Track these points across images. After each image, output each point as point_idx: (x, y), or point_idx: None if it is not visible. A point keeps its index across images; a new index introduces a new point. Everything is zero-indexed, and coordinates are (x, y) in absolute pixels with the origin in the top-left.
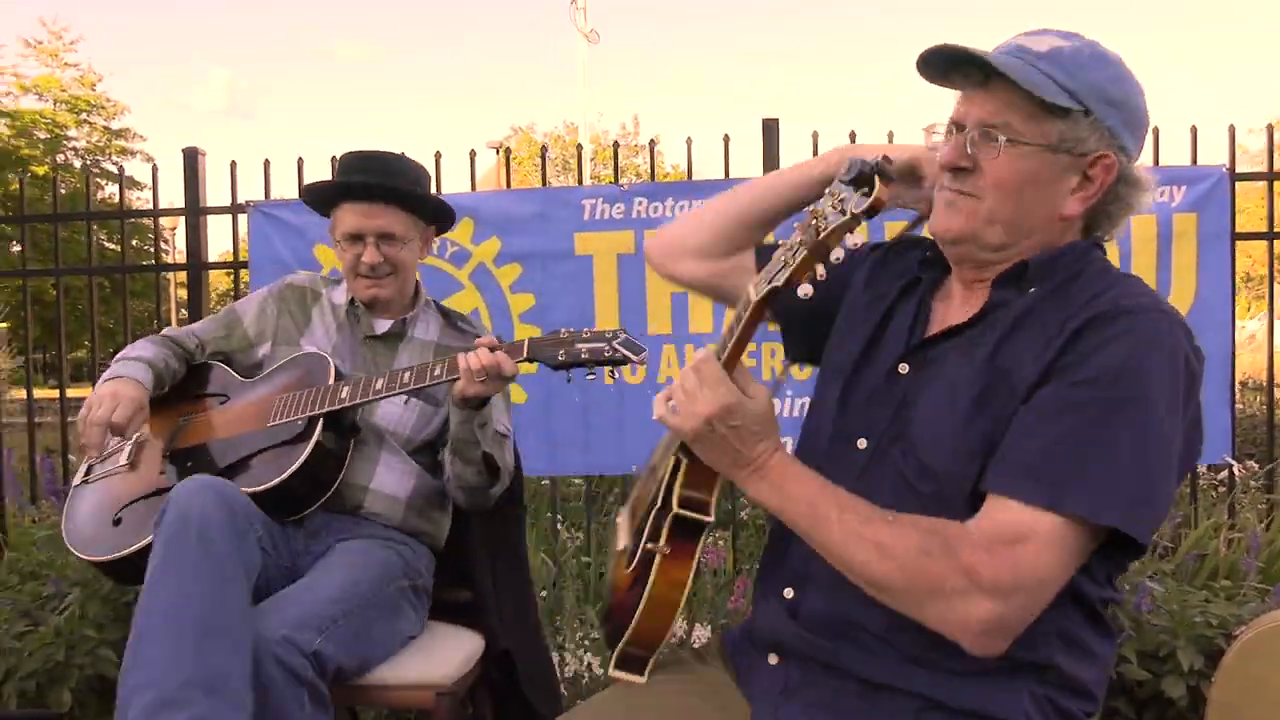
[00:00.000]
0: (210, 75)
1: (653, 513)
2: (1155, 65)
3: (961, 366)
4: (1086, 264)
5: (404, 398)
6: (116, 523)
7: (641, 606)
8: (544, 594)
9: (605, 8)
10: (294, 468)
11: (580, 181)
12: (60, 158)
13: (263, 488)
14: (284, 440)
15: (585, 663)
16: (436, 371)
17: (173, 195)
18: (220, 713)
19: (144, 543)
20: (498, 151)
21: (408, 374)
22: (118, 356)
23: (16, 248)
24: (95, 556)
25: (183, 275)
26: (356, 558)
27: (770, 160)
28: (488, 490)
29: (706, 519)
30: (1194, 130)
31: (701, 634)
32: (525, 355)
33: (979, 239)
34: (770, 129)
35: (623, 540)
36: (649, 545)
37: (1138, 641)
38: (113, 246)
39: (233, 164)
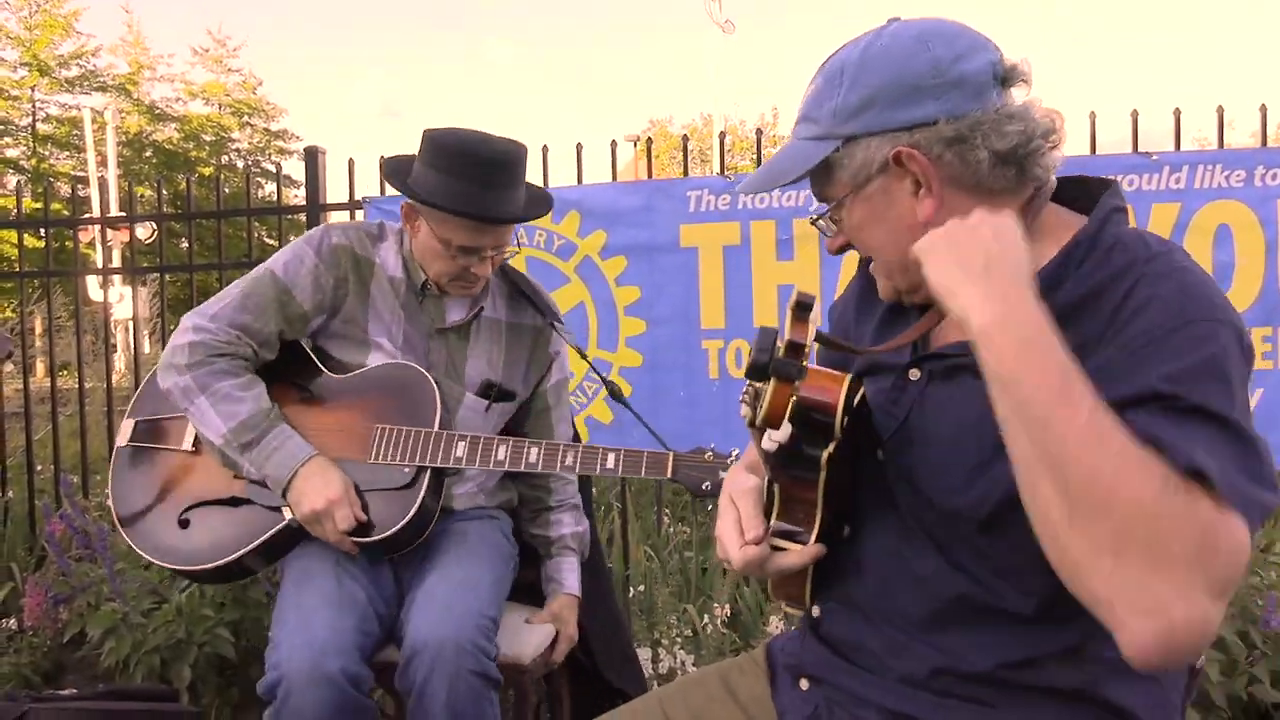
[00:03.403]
0: (364, 77)
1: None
2: None
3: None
4: (1092, 254)
5: (486, 404)
6: (183, 524)
7: (770, 593)
8: (641, 588)
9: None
10: (403, 523)
11: (721, 171)
12: (225, 159)
13: (371, 541)
14: (390, 486)
15: (680, 660)
16: (568, 461)
17: (336, 191)
18: None
19: (219, 564)
20: (635, 144)
21: (535, 452)
22: (234, 416)
23: (185, 244)
24: (160, 560)
25: None
26: (483, 545)
27: None
28: None
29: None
30: None
31: (779, 625)
32: (670, 475)
33: (903, 285)
34: None
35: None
36: None
37: (1272, 661)
38: (271, 241)
39: (350, 161)
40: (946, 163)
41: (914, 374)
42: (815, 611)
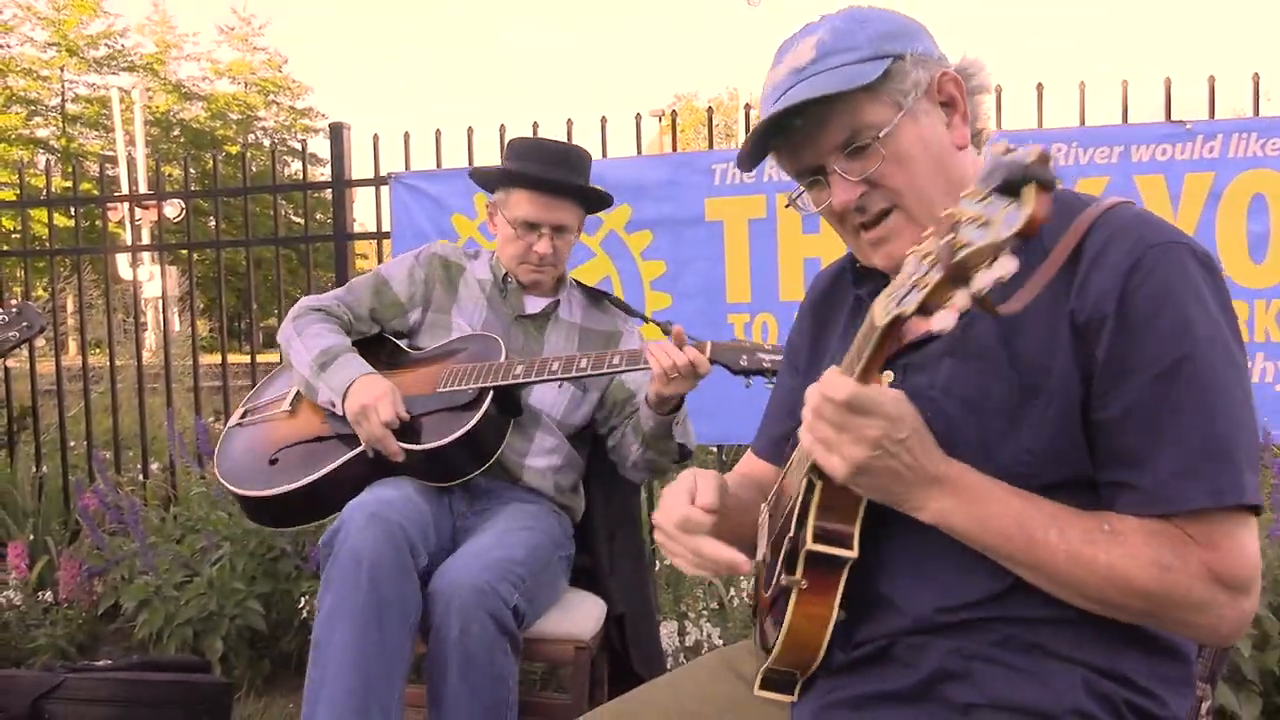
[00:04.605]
0: (388, 54)
1: (785, 538)
2: None
3: (963, 373)
4: None
5: (559, 382)
6: (273, 462)
7: (781, 639)
8: (668, 562)
9: None
10: (460, 432)
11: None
12: (251, 137)
13: (425, 448)
14: (452, 406)
15: (705, 633)
16: (615, 360)
17: (362, 167)
18: None
19: (296, 486)
20: (660, 119)
21: (585, 360)
22: (318, 346)
23: (212, 222)
24: (246, 490)
25: (360, 246)
26: (533, 520)
27: None
28: (674, 466)
29: (847, 554)
30: None
31: None
32: (709, 357)
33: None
34: None
35: (761, 547)
36: (783, 578)
37: None
38: (298, 219)
39: (375, 137)
40: (967, 97)
41: (887, 376)
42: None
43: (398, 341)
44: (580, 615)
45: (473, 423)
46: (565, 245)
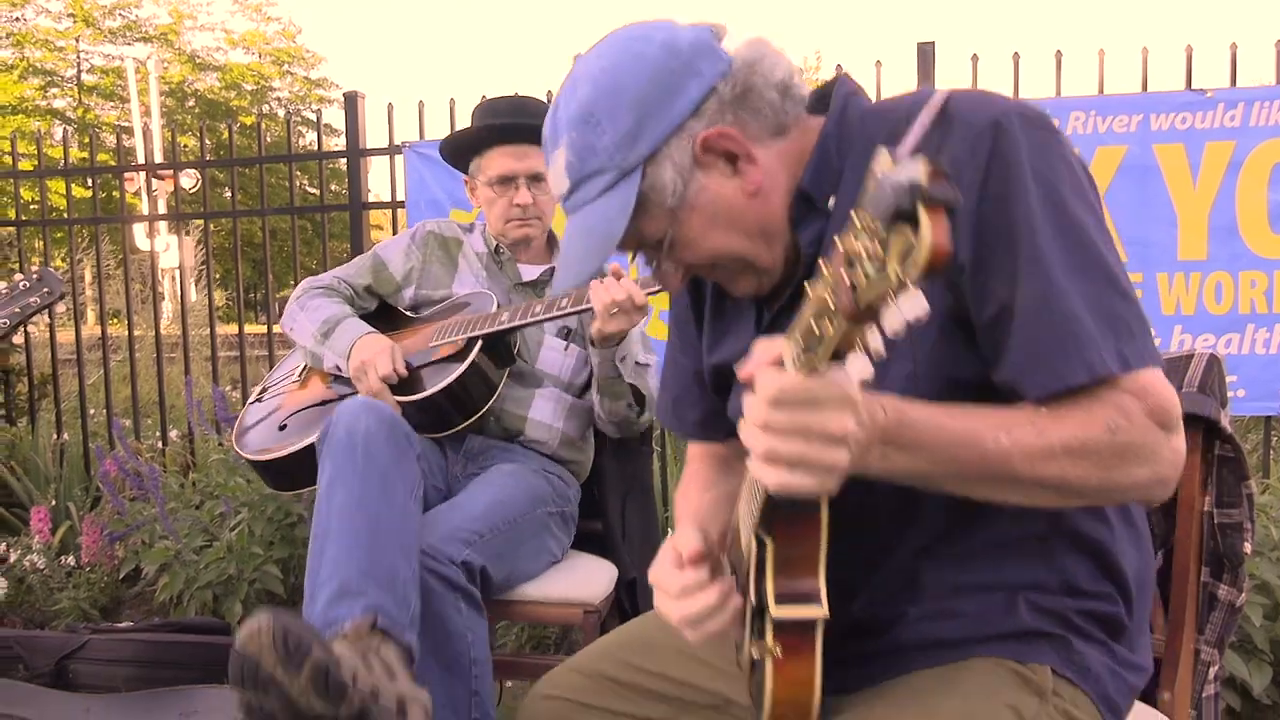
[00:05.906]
0: (398, 27)
1: (747, 609)
2: None
3: None
4: (844, 131)
5: (565, 344)
6: (282, 428)
7: (766, 712)
8: None
9: None
10: (446, 382)
11: None
12: (265, 107)
13: (413, 398)
14: (444, 359)
15: None
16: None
17: (376, 136)
18: (389, 603)
19: (305, 444)
20: None
21: (565, 300)
22: (320, 318)
23: (228, 193)
24: (257, 455)
25: (375, 216)
26: (506, 479)
27: (925, 86)
28: (637, 419)
29: (818, 613)
30: None
31: None
32: (653, 288)
33: (769, 260)
34: (925, 53)
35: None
36: (752, 650)
37: None
38: (313, 190)
39: (389, 106)
40: (746, 121)
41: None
42: None
43: (399, 309)
44: (590, 580)
45: (460, 371)
46: (546, 198)
